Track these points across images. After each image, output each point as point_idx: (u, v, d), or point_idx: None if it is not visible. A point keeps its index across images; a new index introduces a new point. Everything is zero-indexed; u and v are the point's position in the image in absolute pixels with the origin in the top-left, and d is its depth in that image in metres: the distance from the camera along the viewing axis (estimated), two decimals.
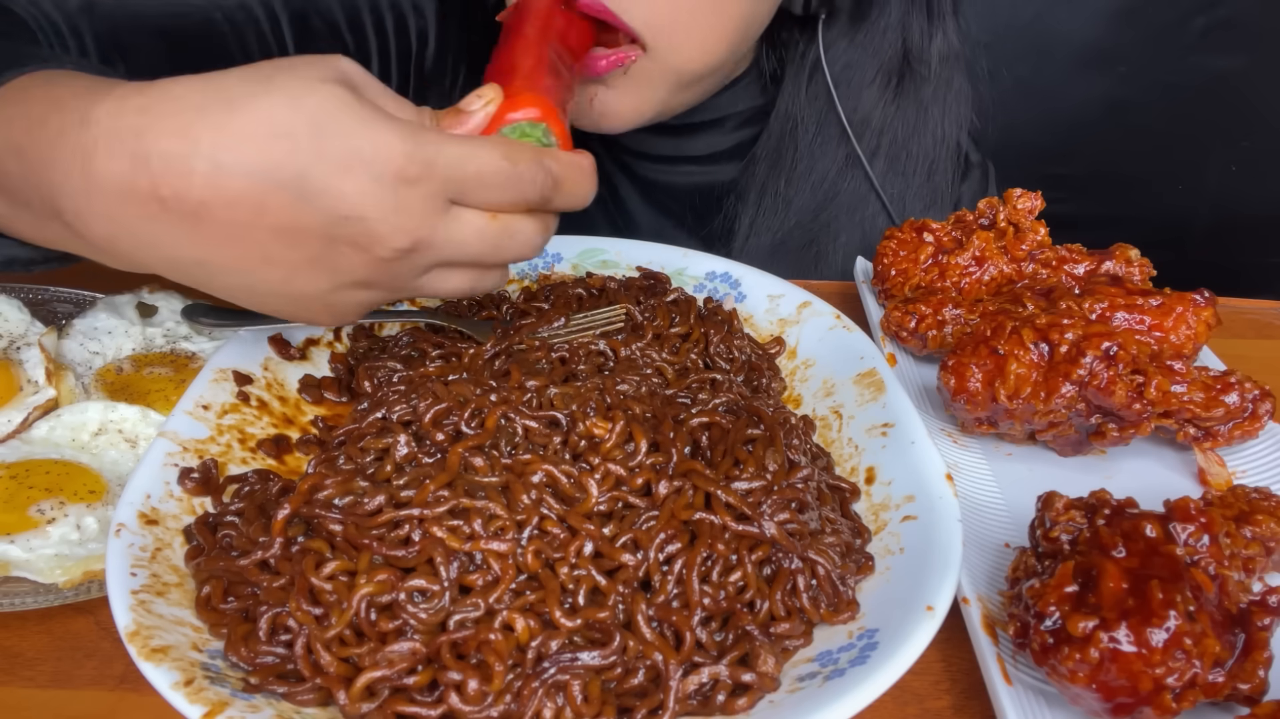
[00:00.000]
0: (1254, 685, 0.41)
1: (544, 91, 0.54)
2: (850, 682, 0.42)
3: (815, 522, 0.52)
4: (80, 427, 0.61)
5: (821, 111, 0.89)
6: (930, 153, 0.91)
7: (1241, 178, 1.69)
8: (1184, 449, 0.63)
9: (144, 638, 0.43)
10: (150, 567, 0.48)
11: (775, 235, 0.91)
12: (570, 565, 0.47)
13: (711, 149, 0.94)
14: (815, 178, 0.90)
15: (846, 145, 0.89)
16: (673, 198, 0.97)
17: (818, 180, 0.90)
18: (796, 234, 0.92)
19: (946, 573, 0.48)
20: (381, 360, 0.66)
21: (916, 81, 0.88)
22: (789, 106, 0.89)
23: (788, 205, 0.91)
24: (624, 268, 0.79)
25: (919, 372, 0.73)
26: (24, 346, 0.66)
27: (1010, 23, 1.58)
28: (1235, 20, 1.56)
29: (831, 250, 0.92)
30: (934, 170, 0.92)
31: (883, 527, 0.54)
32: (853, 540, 0.53)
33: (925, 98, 0.89)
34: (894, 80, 0.88)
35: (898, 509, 0.54)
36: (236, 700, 0.41)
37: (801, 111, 0.89)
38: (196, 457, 0.56)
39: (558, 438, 0.54)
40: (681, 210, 0.97)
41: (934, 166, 0.91)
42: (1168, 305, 0.66)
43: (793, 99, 0.89)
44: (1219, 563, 0.44)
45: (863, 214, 0.91)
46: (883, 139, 0.89)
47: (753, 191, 0.91)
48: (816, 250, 0.92)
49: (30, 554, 0.52)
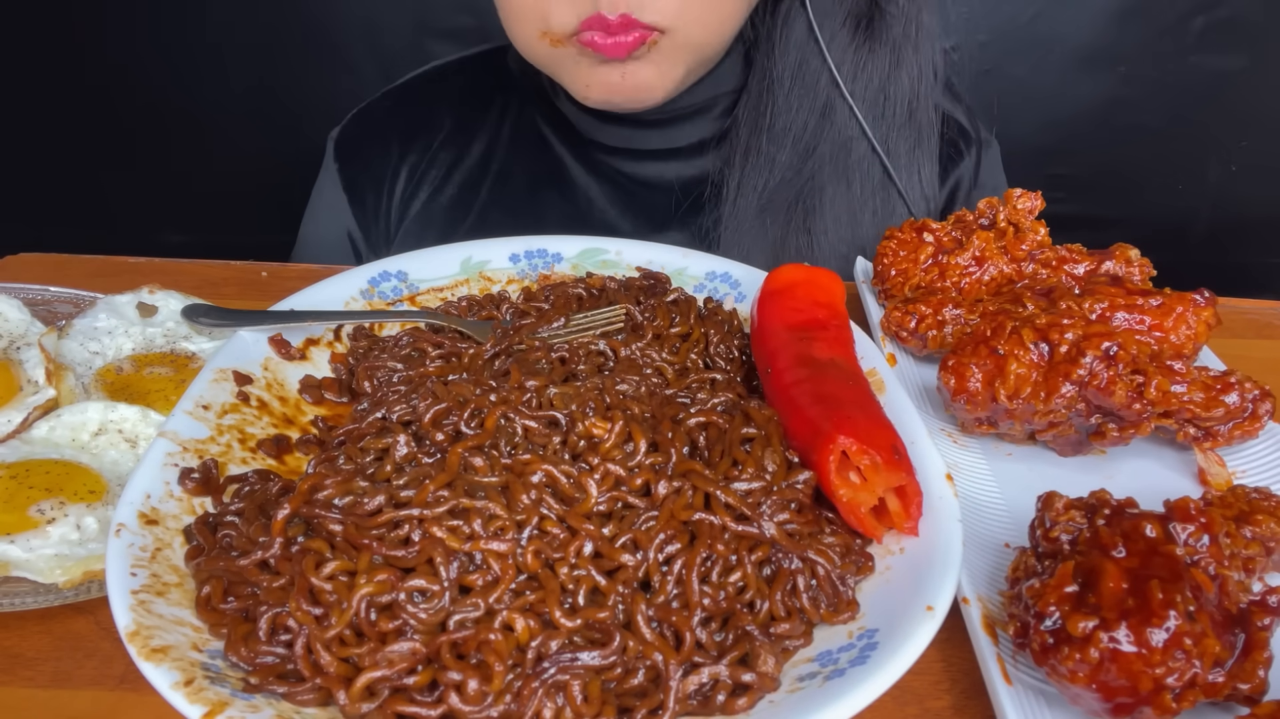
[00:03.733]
0: (1254, 685, 0.41)
1: None
2: (850, 682, 0.42)
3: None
4: (80, 427, 0.61)
5: (795, 64, 0.90)
6: (908, 91, 0.91)
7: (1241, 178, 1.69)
8: (1184, 449, 0.63)
9: (144, 638, 0.43)
10: (150, 567, 0.48)
11: (761, 195, 0.92)
12: (570, 565, 0.47)
13: (697, 137, 0.95)
14: (796, 130, 0.91)
15: (823, 95, 0.90)
16: (659, 194, 0.97)
17: (799, 132, 0.91)
18: (783, 190, 0.92)
19: (947, 573, 0.48)
20: (381, 360, 0.66)
21: (886, 21, 0.89)
22: (764, 63, 0.91)
23: (771, 162, 0.91)
24: (624, 268, 0.79)
25: (919, 371, 0.73)
26: (24, 346, 0.66)
27: (1010, 22, 1.58)
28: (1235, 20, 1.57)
29: (819, 205, 0.92)
30: (915, 109, 0.92)
31: None
32: (852, 540, 0.53)
33: (895, 37, 0.90)
34: (863, 23, 0.89)
35: None
36: (236, 700, 0.41)
37: (776, 66, 0.90)
38: (196, 457, 0.56)
39: (557, 438, 0.54)
40: (667, 207, 0.97)
41: (915, 105, 0.92)
42: (1168, 305, 0.66)
43: (767, 55, 0.91)
44: (1219, 563, 0.44)
45: (848, 161, 0.92)
46: (857, 84, 0.90)
47: (737, 153, 0.92)
48: (804, 207, 0.92)
49: (30, 554, 0.52)
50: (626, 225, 0.97)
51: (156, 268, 0.88)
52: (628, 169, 0.97)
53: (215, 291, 0.81)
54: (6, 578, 0.51)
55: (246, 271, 0.88)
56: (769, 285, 0.68)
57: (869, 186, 0.92)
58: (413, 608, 0.44)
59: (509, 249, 0.80)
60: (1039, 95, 1.61)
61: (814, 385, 0.58)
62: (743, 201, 0.92)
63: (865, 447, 0.52)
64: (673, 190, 0.96)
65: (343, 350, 0.70)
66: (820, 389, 0.58)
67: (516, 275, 0.79)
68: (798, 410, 0.57)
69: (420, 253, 0.78)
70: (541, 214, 0.98)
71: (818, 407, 0.56)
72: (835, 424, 0.53)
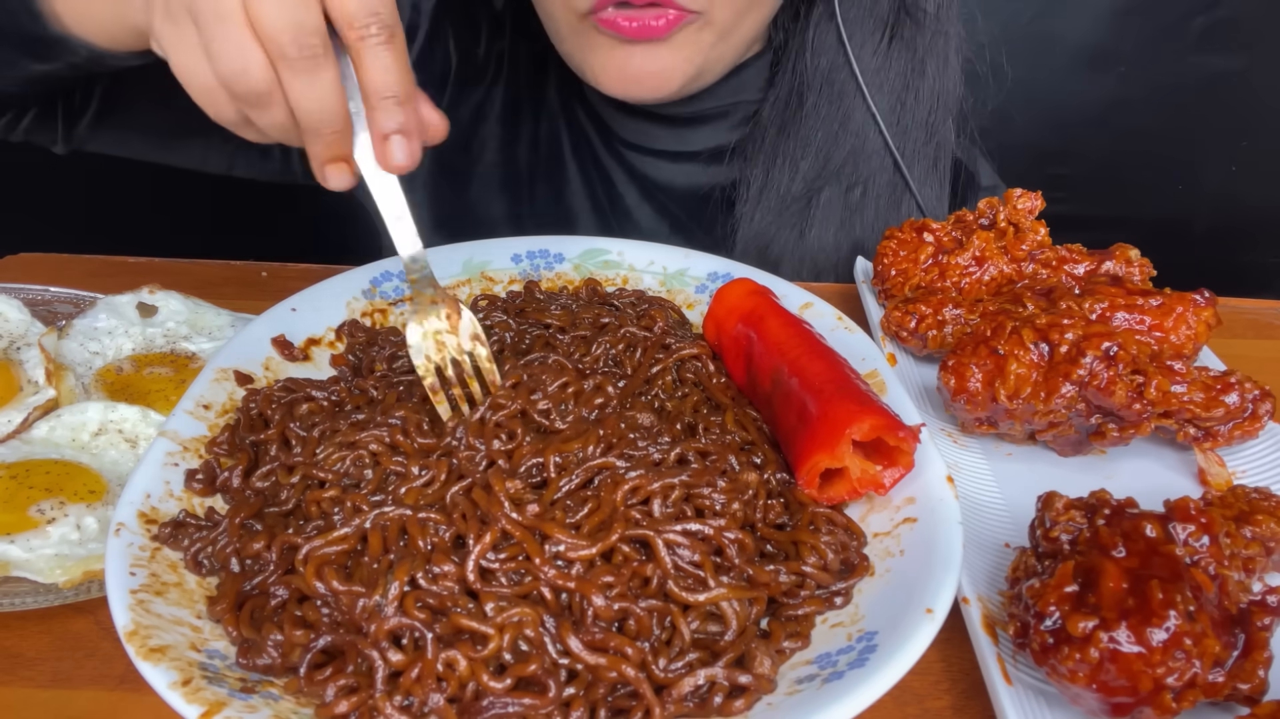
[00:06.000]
0: (1254, 685, 0.41)
1: None
2: (848, 684, 0.42)
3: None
4: (80, 427, 0.61)
5: (825, 70, 0.89)
6: (929, 103, 0.91)
7: (1241, 178, 1.69)
8: (1184, 449, 0.63)
9: (142, 637, 0.43)
10: (150, 566, 0.48)
11: (783, 199, 0.91)
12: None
13: (715, 143, 0.94)
14: (821, 137, 0.90)
15: (849, 103, 0.89)
16: (672, 199, 0.97)
17: (823, 140, 0.90)
18: (801, 196, 0.92)
19: (946, 575, 0.47)
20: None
21: (914, 30, 0.88)
22: (792, 68, 0.90)
23: (795, 167, 0.91)
24: (626, 268, 0.79)
25: (919, 371, 0.73)
26: (24, 347, 0.66)
27: (1010, 23, 1.58)
28: (1235, 20, 1.57)
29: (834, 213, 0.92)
30: (934, 125, 0.91)
31: (882, 530, 0.54)
32: (848, 540, 0.53)
33: (921, 47, 0.89)
34: (889, 31, 0.89)
35: (899, 511, 0.54)
36: (234, 701, 0.41)
37: (806, 72, 0.89)
38: (197, 457, 0.56)
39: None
40: (678, 211, 0.97)
41: (934, 120, 0.91)
42: (1168, 305, 0.66)
43: (797, 60, 0.90)
44: (1219, 563, 0.44)
45: (867, 170, 0.91)
46: (882, 94, 0.89)
47: (761, 155, 0.91)
48: (820, 213, 0.92)
49: (30, 554, 0.52)
50: (645, 219, 0.97)
51: (156, 268, 0.88)
52: (643, 166, 0.97)
53: (215, 291, 0.81)
54: (6, 578, 0.51)
55: (246, 271, 0.88)
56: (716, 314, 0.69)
57: (884, 198, 0.91)
58: None
59: (511, 249, 0.80)
60: (1039, 95, 1.61)
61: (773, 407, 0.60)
62: (764, 205, 0.92)
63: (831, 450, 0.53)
64: (688, 193, 0.95)
65: (343, 350, 0.70)
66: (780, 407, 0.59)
67: (518, 275, 0.79)
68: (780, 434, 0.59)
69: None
70: (562, 188, 0.97)
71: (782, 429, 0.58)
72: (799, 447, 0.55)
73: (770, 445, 0.60)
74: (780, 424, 0.59)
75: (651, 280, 0.79)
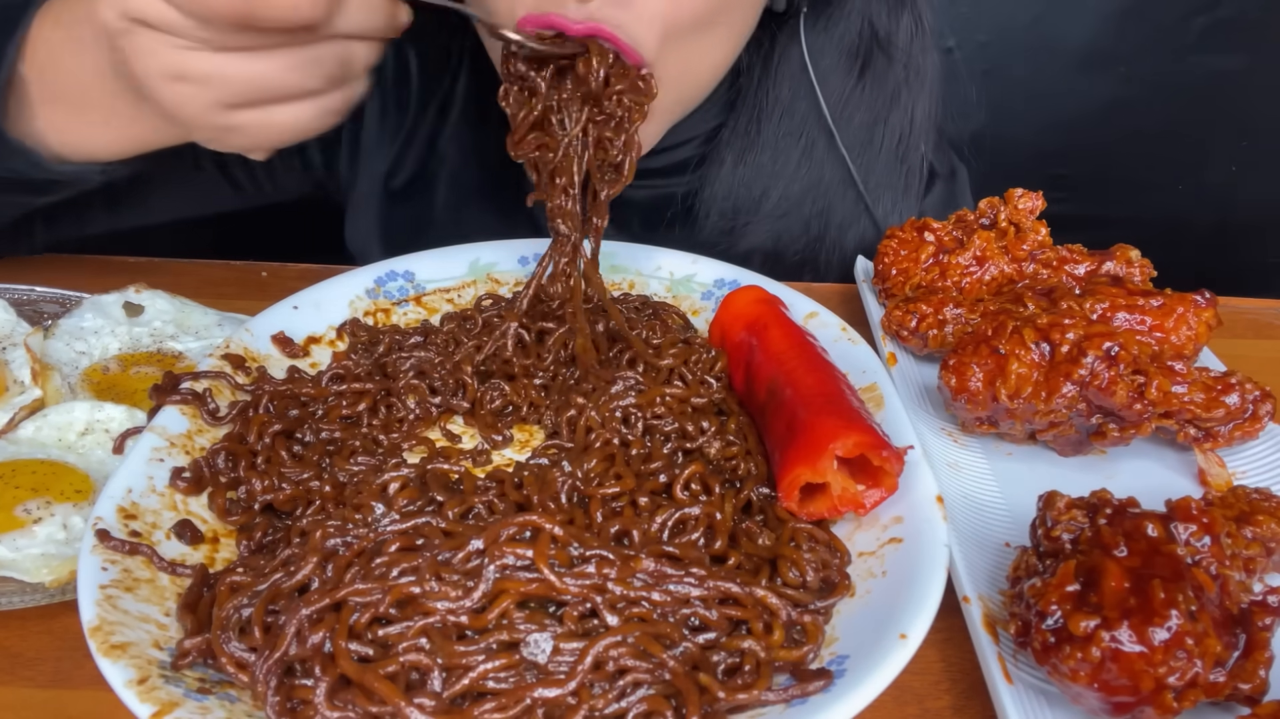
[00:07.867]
0: (1255, 685, 0.41)
1: None
2: (812, 709, 0.42)
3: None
4: (66, 426, 0.61)
5: (786, 100, 0.87)
6: (899, 134, 0.89)
7: (1241, 178, 1.69)
8: (1184, 450, 0.63)
9: (105, 633, 0.42)
10: (123, 561, 0.48)
11: (732, 221, 0.89)
12: None
13: (676, 160, 0.91)
14: (779, 163, 0.88)
15: (811, 133, 0.87)
16: (633, 211, 0.93)
17: (782, 165, 0.88)
18: (759, 219, 0.90)
19: (925, 600, 0.46)
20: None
21: (885, 63, 0.87)
22: (753, 97, 0.87)
23: (749, 191, 0.88)
24: (633, 272, 0.79)
25: (919, 371, 0.73)
26: (9, 347, 0.66)
27: (1010, 23, 1.58)
28: (1235, 20, 1.56)
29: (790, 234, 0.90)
30: (905, 153, 0.90)
31: (867, 549, 0.53)
32: (829, 558, 0.52)
33: (895, 80, 0.87)
34: (860, 63, 0.86)
35: (885, 530, 0.53)
36: (188, 701, 0.40)
37: (765, 101, 0.87)
38: (183, 453, 0.56)
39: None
40: (633, 221, 0.94)
41: (905, 149, 0.89)
42: (1168, 306, 0.66)
43: (760, 88, 0.87)
44: (1220, 563, 0.44)
45: (829, 199, 0.89)
46: (848, 124, 0.87)
47: (716, 179, 0.89)
48: (774, 234, 0.90)
49: (17, 554, 0.52)
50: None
51: (156, 268, 0.88)
52: None
53: (215, 291, 0.81)
54: None
55: (246, 271, 0.88)
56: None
57: (848, 230, 0.89)
58: None
59: (518, 251, 0.80)
60: (1040, 96, 1.61)
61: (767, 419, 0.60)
62: (710, 224, 0.90)
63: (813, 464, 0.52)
64: (640, 206, 0.92)
65: (344, 349, 0.70)
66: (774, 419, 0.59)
67: (524, 278, 0.79)
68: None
69: (428, 253, 0.78)
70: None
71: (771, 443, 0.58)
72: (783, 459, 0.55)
73: (763, 457, 0.59)
74: (769, 435, 0.59)
75: (658, 285, 0.79)
